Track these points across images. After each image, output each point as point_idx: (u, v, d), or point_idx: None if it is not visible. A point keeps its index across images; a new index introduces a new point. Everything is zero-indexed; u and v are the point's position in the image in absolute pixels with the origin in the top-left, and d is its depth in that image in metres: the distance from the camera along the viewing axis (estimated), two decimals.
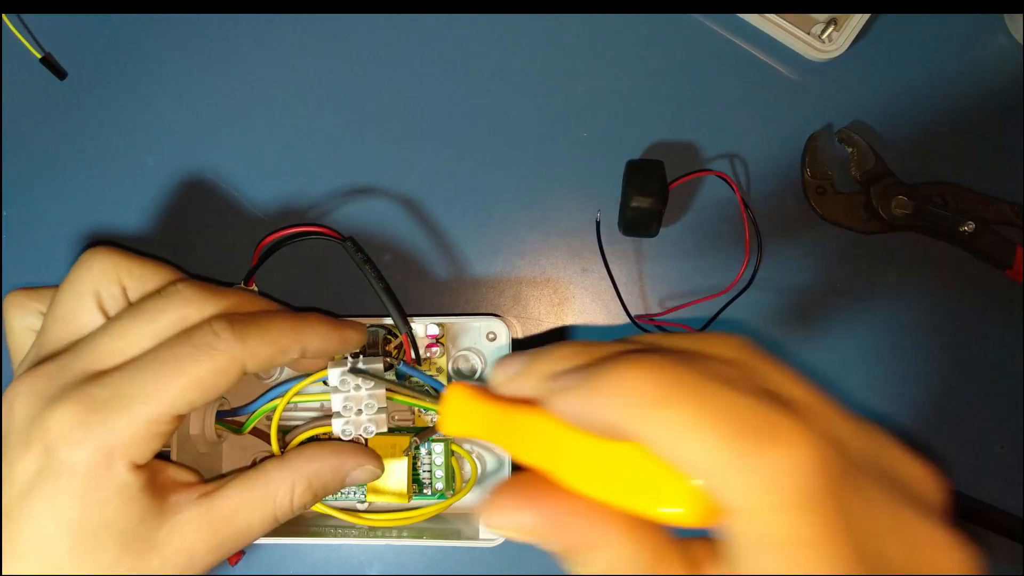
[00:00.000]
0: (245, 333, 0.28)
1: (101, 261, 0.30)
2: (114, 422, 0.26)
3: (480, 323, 0.36)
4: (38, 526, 0.26)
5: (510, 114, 0.39)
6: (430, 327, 0.35)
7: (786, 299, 0.38)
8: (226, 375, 0.27)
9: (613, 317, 0.39)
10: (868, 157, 0.38)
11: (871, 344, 0.38)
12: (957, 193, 0.37)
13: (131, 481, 0.26)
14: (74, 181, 0.39)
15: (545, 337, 0.39)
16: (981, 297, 0.38)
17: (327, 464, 0.30)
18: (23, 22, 0.39)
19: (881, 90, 0.39)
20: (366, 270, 0.35)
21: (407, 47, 0.40)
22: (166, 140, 0.39)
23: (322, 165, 0.39)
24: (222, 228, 0.39)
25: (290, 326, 0.29)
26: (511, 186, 0.39)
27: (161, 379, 0.27)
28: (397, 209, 0.39)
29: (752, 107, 0.39)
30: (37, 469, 0.26)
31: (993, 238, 0.37)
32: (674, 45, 0.39)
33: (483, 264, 0.39)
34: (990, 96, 0.39)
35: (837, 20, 0.38)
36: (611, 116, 0.39)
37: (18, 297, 0.32)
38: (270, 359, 0.29)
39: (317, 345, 0.30)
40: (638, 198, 0.36)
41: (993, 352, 0.38)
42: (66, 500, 0.26)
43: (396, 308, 0.34)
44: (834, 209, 0.38)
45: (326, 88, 0.39)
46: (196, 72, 0.40)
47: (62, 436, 0.26)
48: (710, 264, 0.38)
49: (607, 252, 0.38)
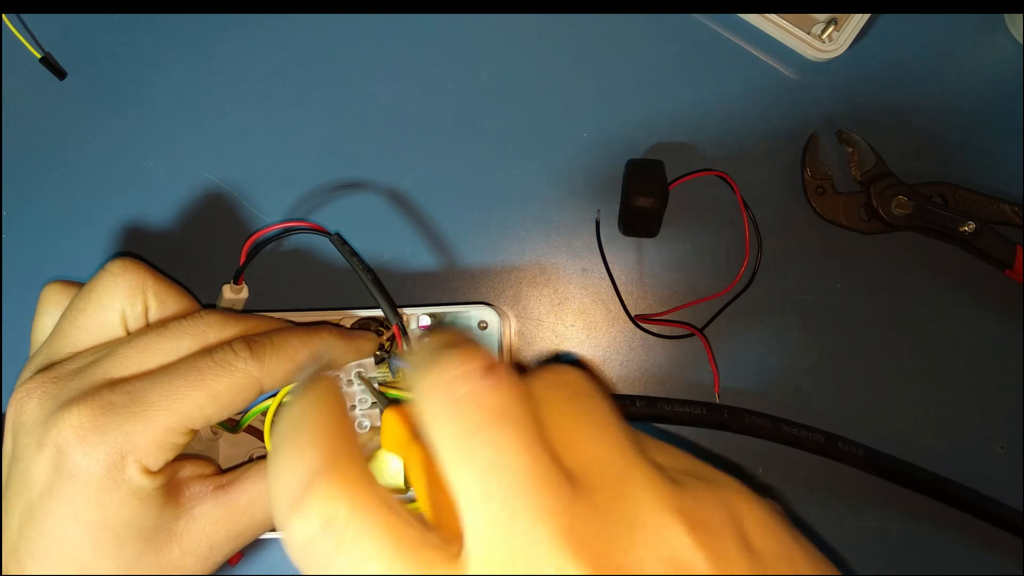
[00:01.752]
0: (262, 353, 0.28)
1: (131, 278, 0.30)
2: (130, 426, 0.26)
3: (471, 312, 0.36)
4: (59, 526, 0.26)
5: (510, 114, 0.39)
6: (421, 318, 0.35)
7: (786, 299, 0.38)
8: (244, 392, 0.28)
9: (613, 317, 0.39)
10: (868, 157, 0.38)
11: (871, 344, 0.38)
12: (957, 193, 0.37)
13: (146, 484, 0.27)
14: (74, 181, 0.39)
15: (545, 336, 0.39)
16: (981, 297, 0.38)
17: None
18: (23, 22, 0.39)
19: (881, 90, 0.39)
20: (353, 263, 0.35)
21: (407, 46, 0.40)
22: (166, 140, 0.39)
23: (322, 165, 0.39)
24: (222, 227, 0.39)
25: (303, 342, 0.30)
26: (511, 186, 0.39)
27: (181, 389, 0.27)
28: (397, 209, 0.39)
29: (752, 107, 0.39)
30: (52, 471, 0.26)
31: (993, 238, 0.37)
32: (674, 45, 0.39)
33: (483, 264, 0.39)
34: (990, 96, 0.39)
35: (837, 20, 0.38)
36: (611, 116, 0.39)
37: (55, 294, 0.32)
38: (287, 376, 0.29)
39: (331, 358, 0.31)
40: (638, 198, 0.36)
41: (993, 352, 0.38)
42: (82, 502, 0.26)
43: (385, 299, 0.34)
44: (834, 209, 0.38)
45: (326, 88, 0.39)
46: (195, 72, 0.40)
47: (76, 438, 0.26)
48: (710, 264, 0.38)
49: (607, 252, 0.38)
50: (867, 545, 0.37)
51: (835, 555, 0.38)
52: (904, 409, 0.38)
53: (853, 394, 0.38)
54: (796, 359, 0.38)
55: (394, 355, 0.34)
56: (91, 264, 0.39)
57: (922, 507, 0.37)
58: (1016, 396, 0.38)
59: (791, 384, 0.38)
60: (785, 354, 0.38)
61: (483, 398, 0.19)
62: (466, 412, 0.19)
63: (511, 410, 0.19)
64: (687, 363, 0.38)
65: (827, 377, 0.38)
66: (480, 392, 0.19)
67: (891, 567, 0.37)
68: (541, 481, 0.18)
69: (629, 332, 0.39)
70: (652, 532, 0.18)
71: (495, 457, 0.18)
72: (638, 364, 0.38)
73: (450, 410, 0.19)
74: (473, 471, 0.18)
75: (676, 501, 0.18)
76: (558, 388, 0.20)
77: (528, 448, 0.18)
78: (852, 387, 0.38)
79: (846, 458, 0.35)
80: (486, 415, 0.18)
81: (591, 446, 0.19)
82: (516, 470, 0.18)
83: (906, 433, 0.38)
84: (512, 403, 0.19)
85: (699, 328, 0.38)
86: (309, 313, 0.35)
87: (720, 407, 0.35)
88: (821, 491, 0.38)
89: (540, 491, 0.18)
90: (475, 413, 0.18)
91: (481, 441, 0.18)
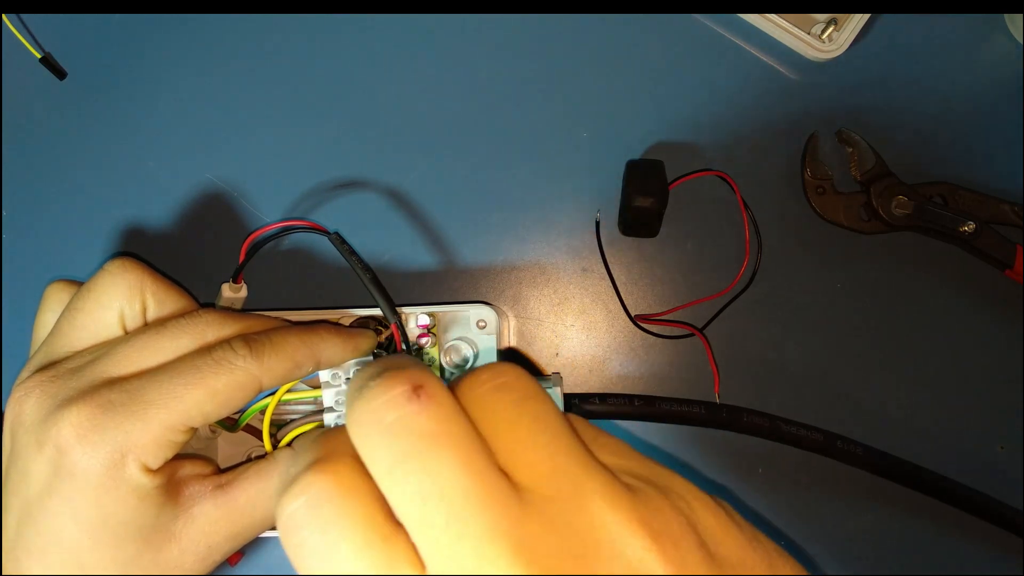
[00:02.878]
0: (261, 351, 0.28)
1: (129, 278, 0.30)
2: (129, 425, 0.26)
3: (470, 311, 0.36)
4: (58, 525, 0.26)
5: (510, 114, 0.39)
6: (420, 317, 0.35)
7: (786, 299, 0.38)
8: (243, 390, 0.28)
9: (613, 317, 0.39)
10: (868, 157, 0.38)
11: (871, 344, 0.38)
12: (957, 193, 0.37)
13: (145, 482, 0.27)
14: (74, 181, 0.39)
15: (545, 336, 0.39)
16: (981, 297, 0.38)
17: None
18: (23, 22, 0.39)
19: (881, 90, 0.39)
20: (352, 262, 0.35)
21: (408, 47, 0.40)
22: (166, 140, 0.39)
23: (321, 164, 0.39)
24: (221, 226, 0.39)
25: (302, 341, 0.30)
26: (511, 186, 0.39)
27: (179, 387, 0.27)
28: (397, 209, 0.39)
29: (752, 107, 0.39)
30: (51, 470, 0.26)
31: (993, 238, 0.37)
32: (674, 45, 0.39)
33: (483, 264, 0.39)
34: (990, 96, 0.39)
35: (837, 20, 0.38)
36: (611, 116, 0.39)
37: (58, 293, 0.32)
38: (286, 374, 0.29)
39: (330, 356, 0.31)
40: (638, 198, 0.36)
41: (993, 352, 0.38)
42: (81, 501, 0.26)
43: (384, 298, 0.34)
44: (834, 209, 0.38)
45: (326, 88, 0.39)
46: (195, 72, 0.40)
47: (75, 437, 0.26)
48: (710, 264, 0.38)
49: (607, 252, 0.38)
50: (866, 544, 0.37)
51: (835, 555, 0.38)
52: (904, 409, 0.38)
53: (852, 393, 0.38)
54: (796, 359, 0.38)
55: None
56: (91, 264, 0.39)
57: (922, 506, 0.37)
58: (1016, 396, 0.38)
59: (790, 383, 0.38)
60: (785, 354, 0.38)
61: (411, 423, 0.18)
62: (395, 439, 0.18)
63: (443, 430, 0.18)
64: (687, 363, 0.38)
65: (827, 376, 0.38)
66: (408, 417, 0.18)
67: (891, 567, 0.37)
68: (485, 499, 0.17)
69: (629, 332, 0.38)
70: (612, 544, 0.17)
71: (431, 483, 0.17)
72: (638, 364, 0.38)
73: (379, 438, 0.18)
74: (411, 498, 0.18)
75: (634, 512, 0.18)
76: (500, 392, 0.20)
77: (466, 467, 0.18)
78: (851, 386, 0.38)
79: (845, 457, 0.35)
80: (416, 440, 0.18)
81: (541, 455, 0.19)
82: (454, 493, 0.17)
83: (906, 432, 0.38)
84: (443, 423, 0.18)
85: (699, 328, 0.38)
86: (308, 312, 0.35)
87: (719, 406, 0.35)
88: (820, 490, 0.38)
89: (484, 510, 0.17)
90: (404, 439, 0.18)
91: (413, 468, 0.18)
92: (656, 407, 0.35)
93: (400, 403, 0.18)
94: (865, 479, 0.36)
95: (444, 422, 0.18)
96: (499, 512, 0.17)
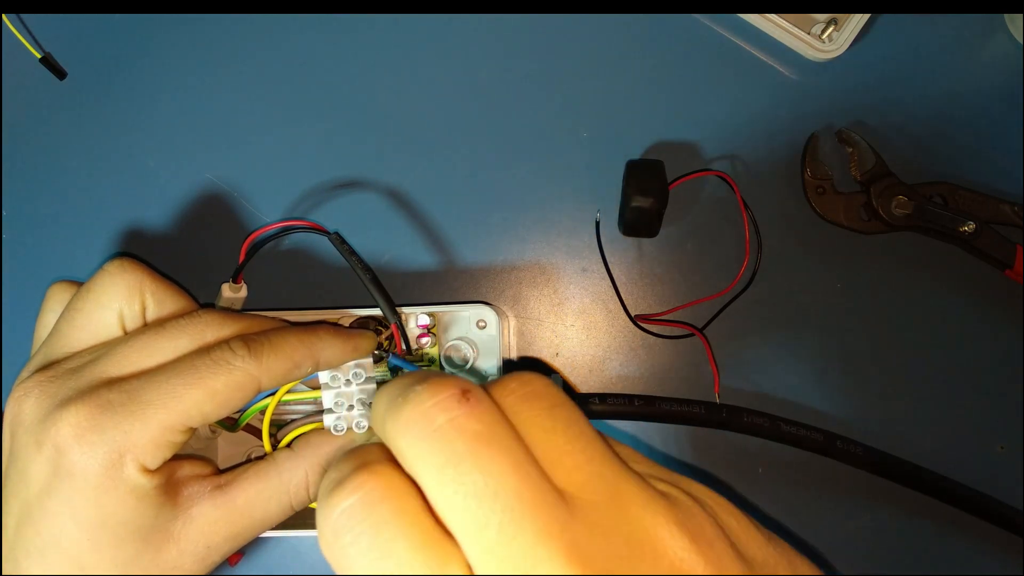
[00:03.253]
0: (260, 351, 0.28)
1: (128, 278, 0.30)
2: (128, 425, 0.26)
3: (470, 312, 0.36)
4: (57, 525, 0.26)
5: (510, 114, 0.39)
6: (420, 317, 0.35)
7: (786, 299, 0.38)
8: (242, 390, 0.28)
9: (613, 317, 0.39)
10: (868, 157, 0.38)
11: (870, 344, 0.38)
12: (957, 193, 0.37)
13: (144, 482, 0.27)
14: (74, 181, 0.39)
15: (545, 336, 0.39)
16: (981, 297, 0.38)
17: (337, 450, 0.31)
18: (23, 22, 0.39)
19: (881, 90, 0.39)
20: (352, 262, 0.35)
21: (408, 47, 0.40)
22: (166, 140, 0.39)
23: (321, 164, 0.39)
24: (221, 226, 0.39)
25: (301, 341, 0.30)
26: (511, 186, 0.39)
27: (179, 387, 0.27)
28: (397, 209, 0.39)
29: (752, 107, 0.39)
30: (50, 470, 0.26)
31: (993, 238, 0.37)
32: (674, 45, 0.39)
33: (483, 264, 0.39)
34: (990, 96, 0.39)
35: (837, 20, 0.38)
36: (611, 116, 0.39)
37: (61, 293, 0.32)
38: (286, 375, 0.29)
39: (329, 356, 0.31)
40: (638, 198, 0.36)
41: (993, 352, 0.38)
42: (80, 501, 0.26)
43: (384, 298, 0.34)
44: (834, 209, 0.38)
45: (326, 87, 0.39)
46: (196, 72, 0.40)
47: (74, 437, 0.26)
48: (710, 264, 0.38)
49: (607, 252, 0.38)
50: (866, 544, 0.37)
51: (836, 555, 0.38)
52: (904, 408, 0.38)
53: (852, 393, 0.38)
54: (795, 359, 0.38)
55: (392, 354, 0.34)
56: (91, 264, 0.39)
57: (922, 506, 0.37)
58: (1016, 396, 0.38)
59: (790, 383, 0.38)
60: (785, 354, 0.38)
61: (463, 424, 0.18)
62: (448, 441, 0.18)
63: (494, 433, 0.18)
64: (687, 363, 0.38)
65: (826, 376, 0.38)
66: (459, 419, 0.18)
67: (890, 566, 0.37)
68: (536, 502, 0.18)
69: (629, 332, 0.38)
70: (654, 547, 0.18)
71: (485, 482, 0.18)
72: (638, 364, 0.38)
73: (430, 441, 0.18)
74: (464, 499, 0.18)
75: (672, 515, 0.18)
76: (531, 400, 0.20)
77: (517, 470, 0.18)
78: (851, 386, 0.38)
79: (845, 457, 0.35)
80: (469, 441, 0.18)
81: (579, 461, 0.19)
82: (508, 493, 0.17)
83: (906, 432, 0.38)
84: (494, 426, 0.19)
85: (699, 328, 0.38)
86: (308, 312, 0.35)
87: (719, 406, 0.35)
88: (820, 490, 0.38)
89: (536, 512, 0.17)
90: (457, 441, 0.18)
91: (467, 468, 0.18)
92: (656, 407, 0.35)
93: (450, 406, 0.19)
94: (865, 479, 0.36)
95: (495, 425, 0.19)
96: (550, 514, 0.17)
